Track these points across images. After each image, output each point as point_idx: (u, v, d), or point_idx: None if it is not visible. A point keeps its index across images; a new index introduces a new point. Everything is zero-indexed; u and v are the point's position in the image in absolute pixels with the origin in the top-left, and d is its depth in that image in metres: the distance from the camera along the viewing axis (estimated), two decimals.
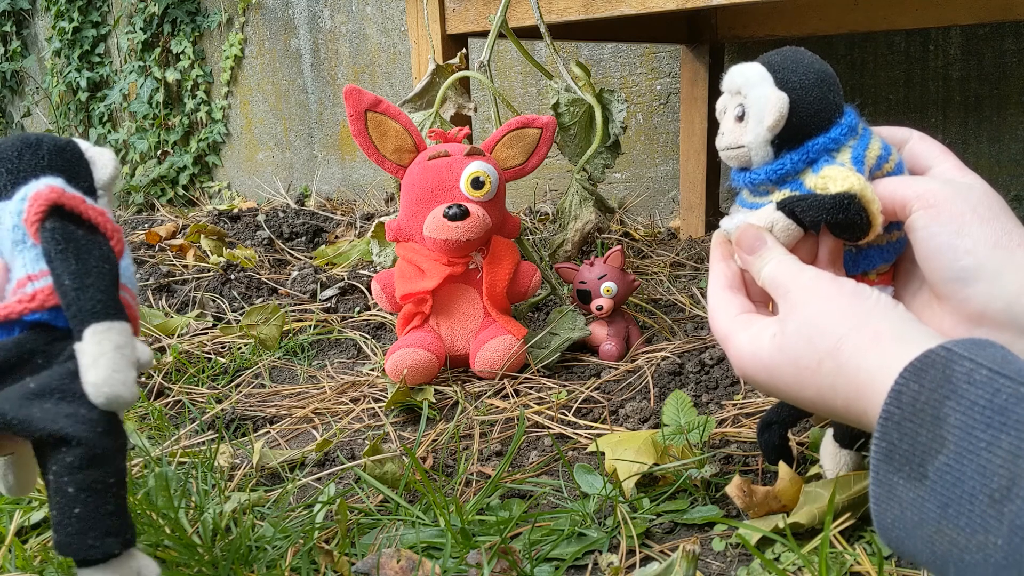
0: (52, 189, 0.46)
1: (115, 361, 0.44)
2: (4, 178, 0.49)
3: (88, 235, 0.47)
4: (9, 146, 0.49)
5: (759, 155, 0.54)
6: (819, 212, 0.51)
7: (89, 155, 0.51)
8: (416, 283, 0.97)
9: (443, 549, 0.58)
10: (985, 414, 0.34)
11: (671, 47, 1.70)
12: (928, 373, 0.37)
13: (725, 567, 0.59)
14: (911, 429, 0.37)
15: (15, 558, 0.60)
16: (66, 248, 0.46)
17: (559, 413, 0.87)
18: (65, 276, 0.45)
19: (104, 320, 0.45)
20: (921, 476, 0.36)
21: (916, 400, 0.37)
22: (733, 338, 0.51)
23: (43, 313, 0.46)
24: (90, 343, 0.44)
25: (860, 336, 0.43)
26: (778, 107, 0.52)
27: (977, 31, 1.39)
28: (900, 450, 0.37)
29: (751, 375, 0.49)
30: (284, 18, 2.40)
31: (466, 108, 1.16)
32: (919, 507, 0.36)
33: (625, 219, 1.79)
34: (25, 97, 3.28)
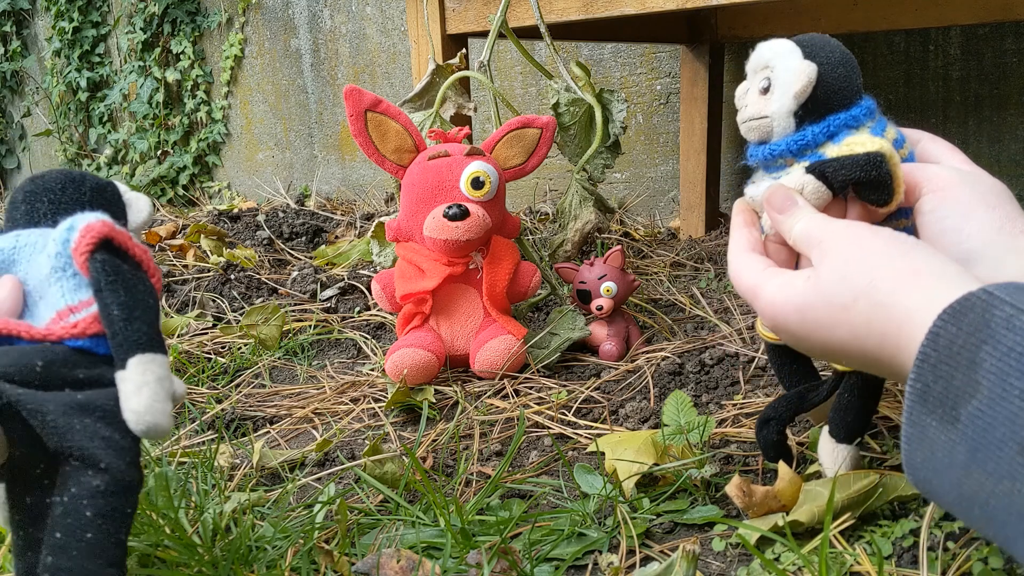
0: (104, 223, 0.48)
1: (156, 391, 0.45)
2: (45, 207, 0.50)
3: (134, 271, 0.49)
4: (53, 179, 0.51)
5: (781, 126, 0.55)
6: (852, 170, 0.51)
7: (127, 198, 0.53)
8: (416, 283, 0.97)
9: (443, 549, 0.58)
10: (1021, 362, 0.34)
11: (671, 47, 1.70)
12: (967, 316, 0.37)
13: (725, 567, 0.59)
14: (946, 372, 0.36)
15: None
16: (116, 280, 0.47)
17: (559, 413, 0.87)
18: (114, 306, 0.46)
19: (149, 351, 0.46)
20: (953, 419, 0.36)
21: (953, 343, 0.36)
22: (763, 286, 0.50)
23: (85, 340, 0.47)
24: (134, 372, 0.45)
25: (898, 273, 0.42)
26: (807, 73, 0.53)
27: (977, 31, 1.39)
28: (934, 392, 0.37)
29: (782, 319, 0.48)
30: (284, 18, 2.40)
31: (466, 108, 1.16)
32: (949, 450, 0.36)
33: (625, 219, 1.79)
34: (25, 97, 3.28)
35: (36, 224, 0.50)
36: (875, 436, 0.72)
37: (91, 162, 2.97)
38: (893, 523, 0.59)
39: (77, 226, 0.48)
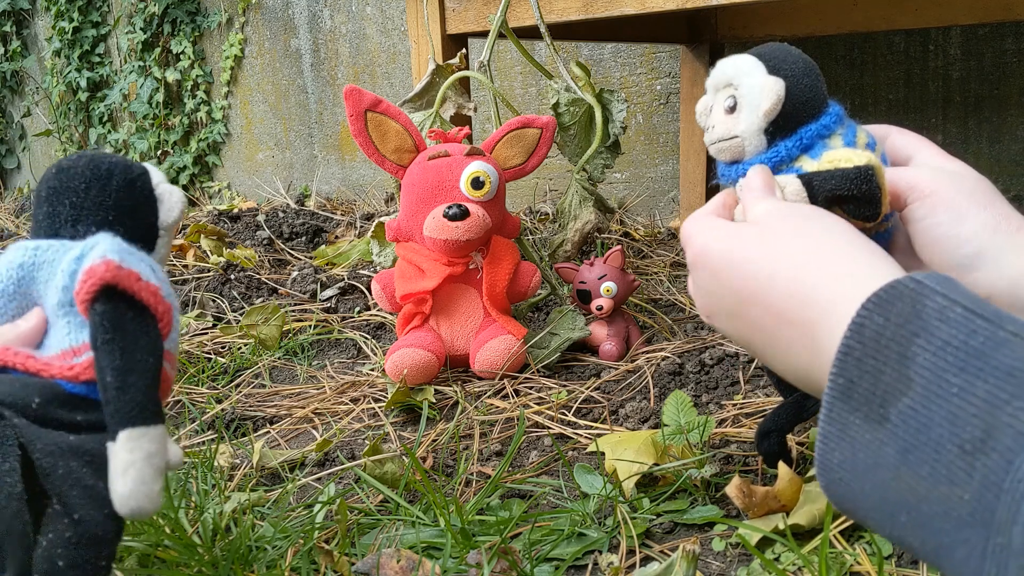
0: (108, 266, 0.44)
1: (143, 472, 0.43)
2: (66, 211, 0.47)
3: (137, 320, 0.45)
4: (79, 174, 0.47)
5: (753, 144, 0.54)
6: (840, 183, 0.50)
7: (159, 192, 0.50)
8: (416, 283, 0.97)
9: (443, 549, 0.58)
10: (959, 356, 0.31)
11: (671, 47, 1.70)
12: (895, 306, 0.34)
13: (725, 567, 0.59)
14: (873, 366, 0.34)
15: None
16: (113, 339, 0.44)
17: (559, 413, 0.87)
18: (108, 372, 0.44)
19: (140, 425, 0.44)
20: (881, 418, 0.33)
21: (881, 335, 0.34)
22: (708, 225, 0.48)
23: (80, 386, 0.45)
24: (123, 448, 0.43)
25: (851, 241, 0.41)
26: (776, 91, 0.52)
27: (977, 31, 1.39)
28: (859, 388, 0.34)
29: (701, 256, 0.46)
30: (284, 18, 2.40)
31: (466, 108, 1.16)
32: (875, 450, 0.33)
33: (625, 219, 1.79)
34: (25, 97, 3.28)
35: (56, 233, 0.47)
36: None
37: None
38: None
39: (83, 264, 0.44)
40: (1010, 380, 0.30)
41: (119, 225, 0.48)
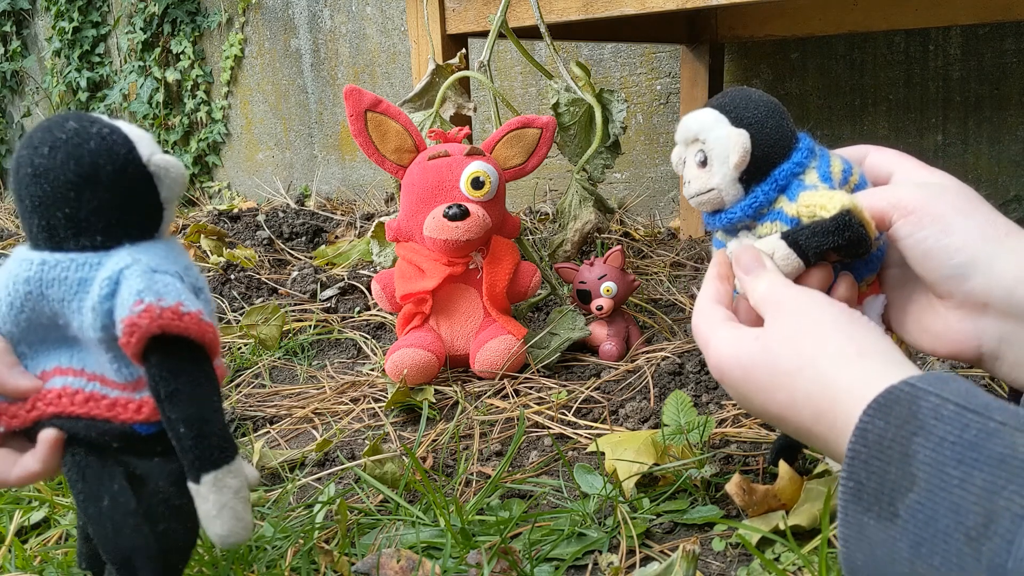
0: (150, 315, 0.42)
1: (236, 509, 0.44)
2: (63, 225, 0.43)
3: (191, 358, 0.44)
4: (63, 179, 0.43)
5: (730, 194, 0.55)
6: (824, 237, 0.50)
7: (153, 168, 0.45)
8: (416, 283, 0.97)
9: (443, 549, 0.58)
10: (956, 450, 0.33)
11: (671, 47, 1.70)
12: (893, 409, 0.36)
13: (725, 567, 0.59)
14: (879, 467, 0.36)
15: (15, 558, 0.60)
16: (177, 389, 0.43)
17: (559, 413, 0.87)
18: (180, 424, 0.43)
19: (223, 465, 0.44)
20: (892, 515, 0.35)
21: (883, 438, 0.36)
22: (715, 335, 0.49)
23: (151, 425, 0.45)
24: (211, 490, 0.44)
25: (843, 350, 0.42)
26: (741, 143, 0.53)
27: (977, 31, 1.39)
28: (868, 489, 0.36)
29: (727, 372, 0.48)
30: (284, 18, 2.40)
31: (466, 108, 1.16)
32: (890, 546, 0.35)
33: (625, 219, 1.79)
34: (25, 97, 3.28)
35: (60, 247, 0.44)
36: None
37: None
38: None
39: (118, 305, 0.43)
40: (1003, 467, 0.32)
41: (124, 223, 0.45)
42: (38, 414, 0.45)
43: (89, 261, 0.44)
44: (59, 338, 0.46)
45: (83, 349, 0.46)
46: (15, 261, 0.45)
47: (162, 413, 0.44)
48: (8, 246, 2.04)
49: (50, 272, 0.44)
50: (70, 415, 0.45)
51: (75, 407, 0.45)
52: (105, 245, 0.44)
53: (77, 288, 0.43)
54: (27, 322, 0.45)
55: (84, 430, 0.45)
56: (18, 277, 0.44)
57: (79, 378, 0.45)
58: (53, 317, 0.45)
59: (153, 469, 0.46)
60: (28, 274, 0.44)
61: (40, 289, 0.44)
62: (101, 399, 0.45)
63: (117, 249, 0.44)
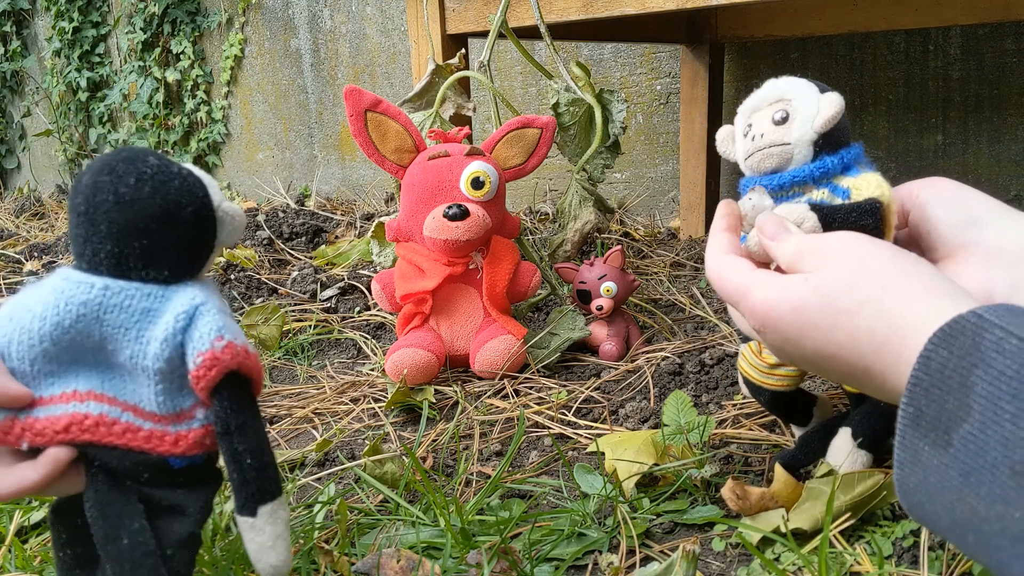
0: (233, 352, 0.44)
1: (287, 540, 0.46)
2: (136, 255, 0.44)
3: (251, 396, 0.47)
4: (147, 212, 0.44)
5: (802, 153, 0.56)
6: (849, 214, 0.53)
7: (220, 215, 0.47)
8: (416, 283, 0.97)
9: (443, 549, 0.58)
10: (1012, 385, 0.34)
11: (671, 47, 1.70)
12: (957, 340, 0.37)
13: (725, 567, 0.59)
14: (938, 396, 0.36)
15: (15, 558, 0.60)
16: (245, 423, 0.45)
17: (559, 413, 0.87)
18: (247, 455, 0.45)
19: (278, 497, 0.46)
20: (946, 443, 0.36)
21: (945, 367, 0.37)
22: (755, 284, 0.48)
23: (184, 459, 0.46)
24: (267, 522, 0.45)
25: (909, 283, 0.42)
26: (837, 103, 0.55)
27: (977, 31, 1.39)
28: (927, 416, 0.37)
29: (776, 317, 0.47)
30: (284, 18, 2.40)
31: (466, 108, 1.16)
32: (942, 474, 0.36)
33: (625, 219, 1.79)
34: (25, 97, 3.28)
35: (126, 275, 0.45)
36: None
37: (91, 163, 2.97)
38: (893, 523, 0.59)
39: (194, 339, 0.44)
40: None
41: (189, 261, 0.46)
42: (71, 438, 0.45)
43: (154, 292, 0.45)
44: (94, 362, 0.46)
45: (119, 377, 0.46)
46: (68, 282, 0.45)
47: (228, 445, 0.45)
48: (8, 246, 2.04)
49: (112, 298, 0.44)
50: (105, 444, 0.45)
51: (113, 437, 0.45)
52: (168, 280, 0.46)
53: (139, 317, 0.44)
54: (69, 342, 0.45)
55: (117, 460, 0.45)
56: (73, 298, 0.44)
57: (114, 407, 0.45)
58: (102, 342, 0.45)
59: (182, 499, 0.47)
60: (87, 297, 0.44)
61: (98, 313, 0.44)
62: (138, 430, 0.45)
63: (180, 285, 0.46)
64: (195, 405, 0.46)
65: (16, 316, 0.45)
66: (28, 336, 0.44)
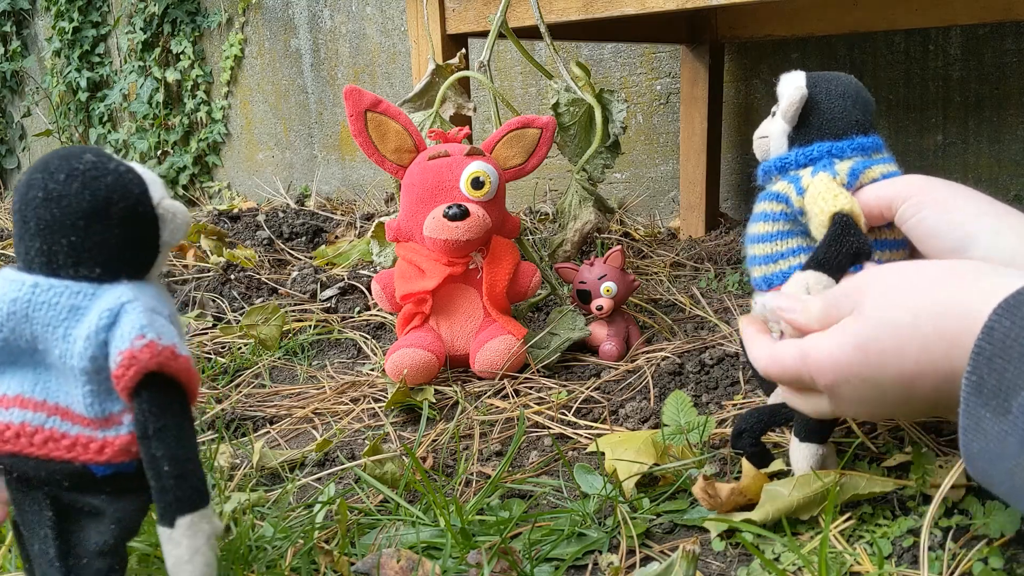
0: (152, 351, 0.42)
1: (207, 556, 0.44)
2: (64, 251, 0.43)
3: (179, 400, 0.45)
4: (75, 207, 0.43)
5: (776, 145, 0.58)
6: (838, 245, 0.52)
7: (160, 211, 0.46)
8: (416, 283, 0.97)
9: (443, 549, 0.58)
10: None
11: (671, 47, 1.70)
12: (1021, 310, 0.37)
13: (725, 567, 0.59)
14: (1000, 365, 0.37)
15: (15, 558, 0.60)
16: (165, 427, 0.43)
17: (559, 413, 0.87)
18: (165, 462, 0.43)
19: (200, 509, 0.44)
20: (1005, 410, 0.36)
21: (1007, 337, 0.37)
22: (810, 347, 0.48)
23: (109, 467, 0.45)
24: (185, 536, 0.43)
25: (956, 274, 0.43)
26: (789, 94, 0.56)
27: (977, 31, 1.39)
28: (988, 384, 0.37)
29: (845, 364, 0.46)
30: (284, 18, 2.40)
31: (466, 108, 1.16)
32: (1001, 440, 0.36)
33: (625, 219, 1.79)
34: (25, 97, 3.28)
35: (56, 273, 0.44)
36: (874, 437, 0.72)
37: None
38: (893, 523, 0.59)
39: (116, 337, 0.43)
40: None
41: (123, 259, 0.45)
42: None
43: (84, 290, 0.44)
44: (29, 363, 0.45)
45: (52, 379, 0.45)
46: (3, 280, 0.44)
47: (146, 450, 0.43)
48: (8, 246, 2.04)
49: (41, 296, 0.43)
50: (25, 455, 0.44)
51: (33, 448, 0.44)
52: (101, 278, 0.44)
53: (67, 315, 0.43)
54: (3, 342, 0.44)
55: (33, 469, 0.44)
56: (4, 296, 0.44)
57: (39, 413, 0.44)
58: (32, 341, 0.44)
59: (103, 506, 0.45)
60: (16, 295, 0.43)
61: (26, 311, 0.43)
62: (60, 439, 0.44)
63: (113, 283, 0.44)
64: (123, 410, 0.45)
65: None
66: None
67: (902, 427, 0.72)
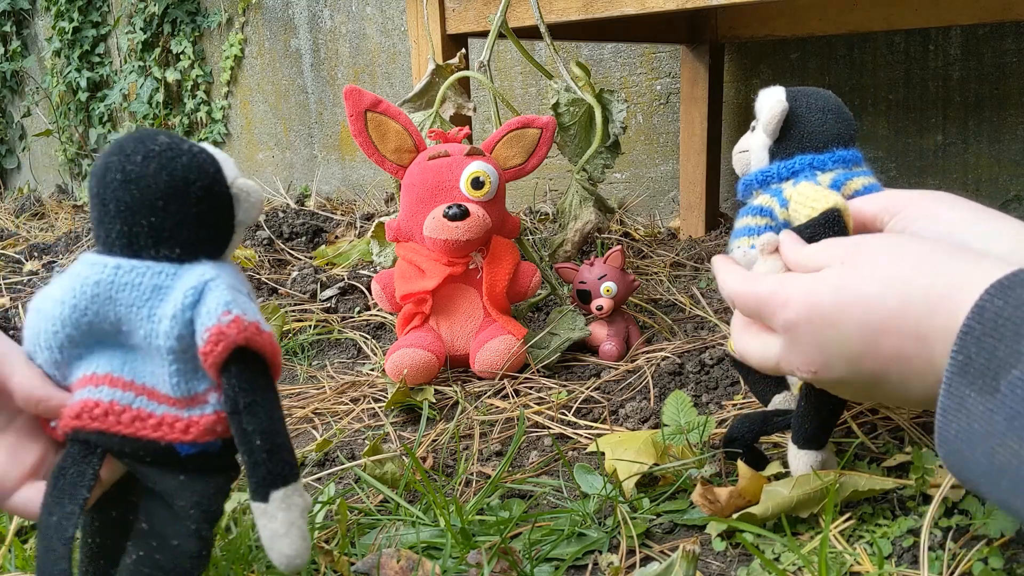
0: (239, 326, 0.43)
1: (302, 529, 0.44)
2: (145, 232, 0.44)
3: (264, 374, 0.45)
4: (154, 187, 0.43)
5: (757, 158, 0.58)
6: (816, 229, 0.52)
7: (234, 191, 0.46)
8: (416, 283, 0.97)
9: (443, 549, 0.58)
10: None
11: (671, 47, 1.70)
12: (1015, 291, 0.37)
13: (725, 567, 0.59)
14: (990, 344, 0.37)
15: (15, 558, 0.60)
16: (255, 401, 0.44)
17: (559, 413, 0.87)
18: (256, 436, 0.43)
19: (292, 483, 0.44)
20: (993, 389, 0.36)
21: (999, 316, 0.37)
22: (789, 279, 0.48)
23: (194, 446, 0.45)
24: (280, 508, 0.43)
25: (956, 249, 0.43)
26: (770, 107, 0.56)
27: (977, 31, 1.39)
28: (976, 364, 0.37)
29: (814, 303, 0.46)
30: (284, 18, 2.40)
31: (466, 108, 1.16)
32: (987, 419, 0.36)
33: (625, 219, 1.79)
34: (25, 97, 3.28)
35: (137, 254, 0.44)
36: (874, 437, 0.72)
37: (91, 162, 2.97)
38: (893, 523, 0.59)
39: (201, 314, 0.43)
40: None
41: (201, 239, 0.45)
42: (81, 425, 0.44)
43: (166, 270, 0.44)
44: (114, 344, 0.45)
45: (138, 359, 0.45)
46: (85, 264, 0.45)
47: (237, 425, 0.44)
48: (8, 246, 2.04)
49: (124, 277, 0.44)
50: (112, 432, 0.44)
51: (121, 426, 0.44)
52: (181, 258, 0.45)
53: (150, 295, 0.44)
54: (88, 325, 0.44)
55: (118, 445, 0.45)
56: (87, 279, 0.44)
57: (127, 392, 0.45)
58: (117, 323, 0.44)
59: (176, 488, 0.45)
60: (100, 277, 0.44)
61: (110, 292, 0.44)
62: (147, 418, 0.45)
63: (193, 263, 0.45)
64: (209, 389, 0.45)
65: (42, 307, 0.45)
66: (51, 323, 0.44)
67: (902, 427, 0.72)
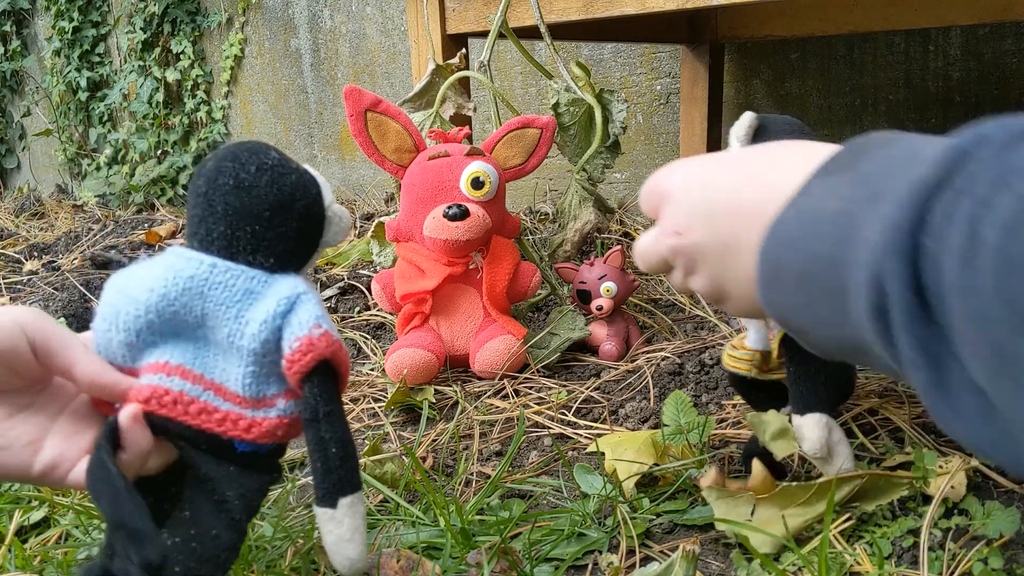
0: (328, 341, 0.45)
1: (364, 535, 0.46)
2: (247, 238, 0.46)
3: (337, 388, 0.47)
4: (262, 197, 0.46)
5: None
6: None
7: (329, 214, 0.49)
8: (416, 283, 0.97)
9: (443, 549, 0.58)
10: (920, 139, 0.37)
11: (671, 47, 1.70)
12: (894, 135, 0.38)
13: (725, 567, 0.59)
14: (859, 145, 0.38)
15: (15, 558, 0.60)
16: (333, 411, 0.46)
17: (559, 413, 0.87)
18: (333, 444, 0.46)
19: (358, 490, 0.46)
20: (848, 167, 0.37)
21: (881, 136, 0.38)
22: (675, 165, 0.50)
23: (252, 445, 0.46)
24: (347, 515, 0.46)
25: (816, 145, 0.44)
26: (741, 121, 0.58)
27: (977, 31, 1.39)
28: (838, 160, 0.38)
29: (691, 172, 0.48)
30: (284, 18, 2.40)
31: (466, 108, 1.16)
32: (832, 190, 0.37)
33: (625, 219, 1.79)
34: (25, 97, 3.28)
35: (234, 257, 0.46)
36: (874, 437, 0.72)
37: (91, 162, 2.97)
38: (893, 523, 0.59)
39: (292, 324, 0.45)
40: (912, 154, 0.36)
41: (293, 253, 0.48)
42: (149, 410, 0.46)
43: (258, 277, 0.46)
44: (191, 338, 0.47)
45: (211, 355, 0.47)
46: (178, 257, 0.46)
47: (314, 433, 0.46)
48: (8, 246, 2.04)
49: (219, 276, 0.46)
50: (178, 420, 0.46)
51: (188, 416, 0.46)
52: (272, 268, 0.47)
53: (241, 297, 0.46)
54: (172, 315, 0.46)
55: (179, 431, 0.46)
56: (181, 272, 0.46)
57: (196, 385, 0.46)
58: (201, 318, 0.46)
59: (225, 477, 0.47)
60: (195, 272, 0.46)
61: (203, 288, 0.46)
62: (213, 412, 0.46)
63: (283, 275, 0.47)
64: (277, 395, 0.47)
65: (125, 288, 0.46)
66: (135, 306, 0.46)
67: (902, 428, 0.72)
